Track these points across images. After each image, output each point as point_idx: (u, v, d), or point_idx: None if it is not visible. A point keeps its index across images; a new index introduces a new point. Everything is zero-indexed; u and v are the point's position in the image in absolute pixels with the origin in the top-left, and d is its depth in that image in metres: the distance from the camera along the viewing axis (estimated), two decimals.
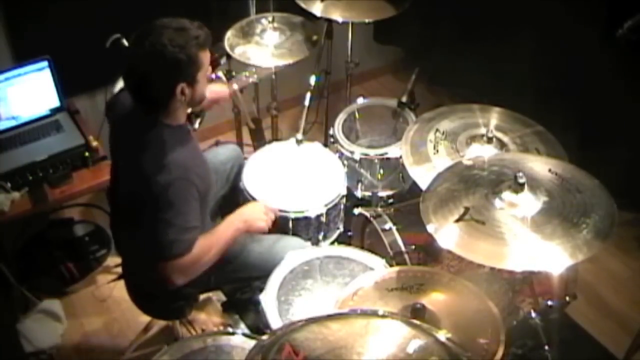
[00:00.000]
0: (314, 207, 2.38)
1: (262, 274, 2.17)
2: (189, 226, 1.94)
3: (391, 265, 2.13)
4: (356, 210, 2.48)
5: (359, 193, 2.74)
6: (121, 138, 2.12)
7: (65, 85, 2.80)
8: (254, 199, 2.38)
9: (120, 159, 2.14)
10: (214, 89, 2.48)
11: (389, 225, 2.30)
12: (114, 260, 3.00)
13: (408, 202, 2.55)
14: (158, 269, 1.94)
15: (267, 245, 2.25)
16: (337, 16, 2.81)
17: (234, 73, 2.80)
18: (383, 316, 1.37)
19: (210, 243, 2.02)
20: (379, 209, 2.44)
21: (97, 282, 2.98)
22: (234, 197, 2.54)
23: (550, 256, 1.66)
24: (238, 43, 2.80)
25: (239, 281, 2.37)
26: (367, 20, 2.90)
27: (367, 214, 2.40)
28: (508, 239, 1.70)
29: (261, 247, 2.25)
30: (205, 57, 1.93)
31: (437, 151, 2.24)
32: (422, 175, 2.14)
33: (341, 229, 2.56)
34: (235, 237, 2.11)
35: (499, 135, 2.25)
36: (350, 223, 2.58)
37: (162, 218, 1.89)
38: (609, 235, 1.69)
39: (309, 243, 2.33)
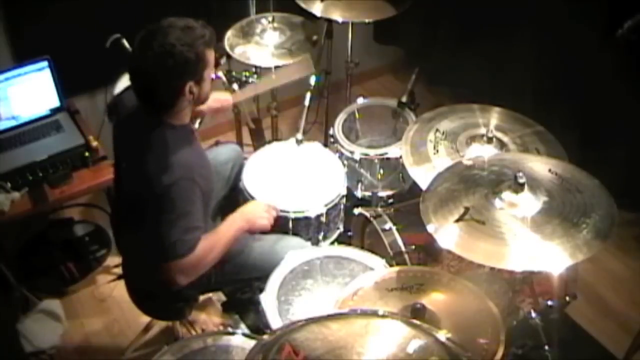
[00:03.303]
0: (314, 207, 2.38)
1: (262, 274, 2.17)
2: (192, 226, 1.94)
3: (391, 265, 2.13)
4: (356, 210, 2.48)
5: (359, 193, 2.74)
6: (124, 138, 2.12)
7: (65, 85, 2.79)
8: (253, 199, 2.38)
9: (124, 159, 2.13)
10: (218, 97, 2.44)
11: (389, 225, 2.30)
12: (114, 260, 3.00)
13: (408, 202, 2.55)
14: (161, 269, 1.94)
15: (267, 246, 2.25)
16: (337, 16, 2.81)
17: (234, 73, 2.80)
18: (383, 316, 1.37)
19: (212, 243, 2.02)
20: (379, 209, 2.43)
21: (97, 282, 2.98)
22: (234, 197, 2.54)
23: (550, 256, 1.66)
24: (238, 43, 2.80)
25: (239, 282, 2.37)
26: (367, 20, 2.90)
27: (367, 214, 2.40)
28: (508, 239, 1.70)
29: (261, 247, 2.25)
30: (211, 55, 1.95)
31: (437, 151, 2.24)
32: (422, 175, 2.14)
33: (341, 229, 2.56)
34: (237, 236, 2.11)
35: (499, 135, 2.25)
36: (350, 223, 2.58)
37: (165, 219, 1.90)
38: (609, 235, 1.69)
39: (309, 243, 2.33)
